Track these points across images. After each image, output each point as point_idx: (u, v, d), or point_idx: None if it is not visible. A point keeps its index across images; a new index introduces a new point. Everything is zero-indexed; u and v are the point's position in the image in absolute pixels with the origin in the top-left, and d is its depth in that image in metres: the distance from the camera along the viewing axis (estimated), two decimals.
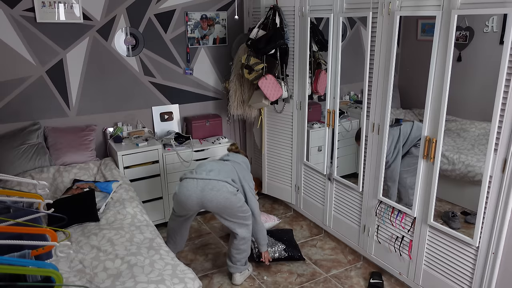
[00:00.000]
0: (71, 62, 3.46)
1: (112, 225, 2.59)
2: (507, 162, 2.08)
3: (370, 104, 2.83)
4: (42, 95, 3.42)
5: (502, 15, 2.55)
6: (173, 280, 2.06)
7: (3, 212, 2.20)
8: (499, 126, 2.07)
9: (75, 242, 2.40)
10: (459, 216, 2.69)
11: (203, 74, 4.09)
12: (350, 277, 3.04)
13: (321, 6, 3.13)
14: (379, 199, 2.87)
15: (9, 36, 3.20)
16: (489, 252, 2.25)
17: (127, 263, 2.18)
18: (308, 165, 3.60)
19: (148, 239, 2.45)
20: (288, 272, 3.10)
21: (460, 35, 2.95)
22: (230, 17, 4.03)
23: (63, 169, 3.21)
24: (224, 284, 2.96)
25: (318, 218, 3.62)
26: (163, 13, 3.75)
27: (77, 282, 2.03)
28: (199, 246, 3.46)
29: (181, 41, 3.90)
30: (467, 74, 2.98)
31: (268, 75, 3.42)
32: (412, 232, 2.69)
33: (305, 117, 3.52)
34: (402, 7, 2.48)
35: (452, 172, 2.95)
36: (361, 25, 3.43)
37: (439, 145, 2.37)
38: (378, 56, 2.69)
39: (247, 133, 4.45)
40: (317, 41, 3.43)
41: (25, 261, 1.54)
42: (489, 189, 2.17)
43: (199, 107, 4.15)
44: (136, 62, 3.74)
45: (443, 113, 2.31)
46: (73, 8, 3.34)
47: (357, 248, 3.20)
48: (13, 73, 3.28)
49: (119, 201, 2.90)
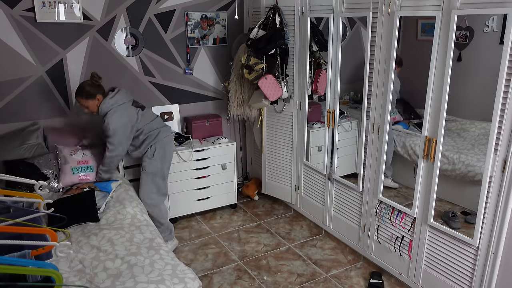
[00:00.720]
0: (71, 62, 3.46)
1: (112, 225, 2.59)
2: (507, 162, 2.08)
3: (370, 104, 2.83)
4: (42, 95, 3.42)
5: (502, 15, 2.55)
6: (173, 280, 2.06)
7: (3, 212, 2.20)
8: (499, 126, 2.07)
9: (75, 242, 2.40)
10: (459, 216, 2.69)
11: (203, 74, 4.09)
12: (350, 277, 3.04)
13: (321, 6, 3.13)
14: (379, 199, 2.87)
15: (9, 36, 3.20)
16: (489, 252, 2.25)
17: (127, 263, 2.18)
18: (308, 165, 3.60)
19: (148, 239, 2.45)
20: (288, 272, 3.10)
21: (460, 35, 2.95)
22: (230, 17, 4.03)
23: None
24: (224, 284, 2.97)
25: (318, 218, 3.62)
26: (163, 13, 3.75)
27: (77, 282, 2.03)
28: (199, 246, 3.46)
29: (181, 41, 3.90)
30: (467, 74, 2.98)
31: (268, 75, 3.42)
32: (412, 232, 2.69)
33: (305, 117, 3.52)
34: (402, 7, 2.48)
35: (452, 172, 2.95)
36: (361, 25, 3.43)
37: (439, 145, 2.37)
38: (378, 56, 2.69)
39: (247, 133, 4.45)
40: (317, 41, 3.44)
41: (25, 261, 1.55)
42: (489, 189, 2.17)
43: (199, 107, 4.15)
44: (136, 62, 3.74)
45: (443, 113, 2.31)
46: (73, 8, 3.34)
47: (357, 248, 3.20)
48: (13, 73, 3.28)
49: (119, 201, 2.90)
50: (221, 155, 3.85)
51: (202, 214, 4.00)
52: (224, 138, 3.90)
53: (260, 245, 3.47)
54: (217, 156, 3.82)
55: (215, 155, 3.81)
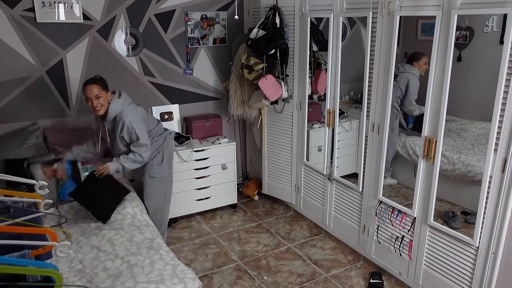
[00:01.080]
0: (71, 62, 3.46)
1: (112, 225, 2.59)
2: (507, 162, 2.08)
3: (370, 104, 2.83)
4: (42, 95, 3.42)
5: (502, 15, 2.55)
6: (173, 280, 2.06)
7: (3, 212, 2.20)
8: (499, 126, 2.07)
9: (75, 242, 2.40)
10: (459, 216, 2.69)
11: (203, 74, 4.09)
12: (350, 277, 3.04)
13: (321, 6, 3.13)
14: (379, 199, 2.87)
15: (9, 36, 3.20)
16: (489, 252, 2.25)
17: (127, 263, 2.18)
18: (308, 165, 3.60)
19: (148, 239, 2.45)
20: (288, 272, 3.10)
21: (460, 35, 2.95)
22: (230, 17, 4.03)
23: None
24: (224, 284, 2.97)
25: (318, 218, 3.62)
26: (163, 13, 3.75)
27: (77, 282, 2.03)
28: (199, 246, 3.46)
29: (181, 41, 3.90)
30: (467, 74, 2.97)
31: (268, 75, 3.42)
32: (412, 232, 2.69)
33: (305, 117, 3.52)
34: (402, 7, 2.48)
35: (452, 172, 2.95)
36: (361, 25, 3.43)
37: (439, 145, 2.37)
38: (378, 56, 2.69)
39: (247, 133, 4.45)
40: (317, 41, 3.43)
41: (25, 261, 1.55)
42: (489, 189, 2.17)
43: (199, 107, 4.15)
44: (136, 62, 3.74)
45: (443, 113, 2.31)
46: (73, 8, 3.34)
47: (357, 248, 3.20)
48: (13, 73, 3.28)
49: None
50: (221, 155, 3.85)
51: (202, 214, 3.99)
52: (224, 138, 3.90)
53: (260, 245, 3.47)
54: (217, 156, 3.82)
55: (215, 155, 3.81)
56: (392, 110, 2.69)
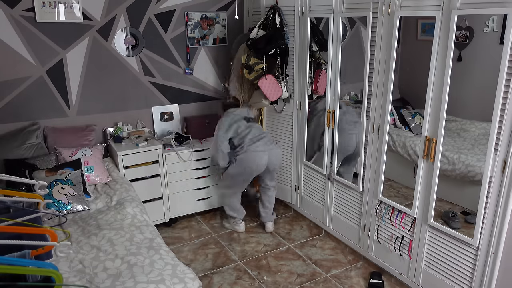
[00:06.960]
0: (71, 62, 3.46)
1: (112, 225, 2.59)
2: (507, 162, 2.08)
3: (370, 104, 2.83)
4: (42, 95, 3.42)
5: (502, 15, 2.55)
6: (173, 280, 2.06)
7: (3, 212, 2.20)
8: (499, 126, 2.07)
9: (75, 242, 2.40)
10: (459, 216, 2.69)
11: (203, 74, 4.09)
12: (350, 277, 3.04)
13: (321, 6, 3.13)
14: (379, 199, 2.87)
15: (9, 36, 3.20)
16: (489, 252, 2.25)
17: (127, 263, 2.18)
18: (308, 165, 3.60)
19: (148, 239, 2.45)
20: (288, 272, 3.10)
21: (460, 35, 2.95)
22: (230, 17, 4.03)
23: None
24: (224, 284, 2.97)
25: (318, 218, 3.62)
26: (163, 13, 3.75)
27: (77, 282, 2.03)
28: (199, 246, 3.46)
29: (181, 41, 3.90)
30: (467, 74, 2.97)
31: (268, 75, 3.42)
32: (412, 232, 2.69)
33: (305, 117, 3.52)
34: (402, 7, 2.48)
35: (452, 172, 2.95)
36: (361, 25, 3.43)
37: (439, 145, 2.37)
38: (378, 56, 2.69)
39: None
40: (317, 41, 3.43)
41: (25, 261, 1.54)
42: (489, 189, 2.17)
43: (199, 107, 4.15)
44: (136, 62, 3.74)
45: (443, 113, 2.31)
46: (73, 8, 3.34)
47: (357, 248, 3.20)
48: (13, 73, 3.28)
49: (119, 202, 2.90)
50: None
51: (202, 214, 3.99)
52: None
53: (260, 245, 3.47)
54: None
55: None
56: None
